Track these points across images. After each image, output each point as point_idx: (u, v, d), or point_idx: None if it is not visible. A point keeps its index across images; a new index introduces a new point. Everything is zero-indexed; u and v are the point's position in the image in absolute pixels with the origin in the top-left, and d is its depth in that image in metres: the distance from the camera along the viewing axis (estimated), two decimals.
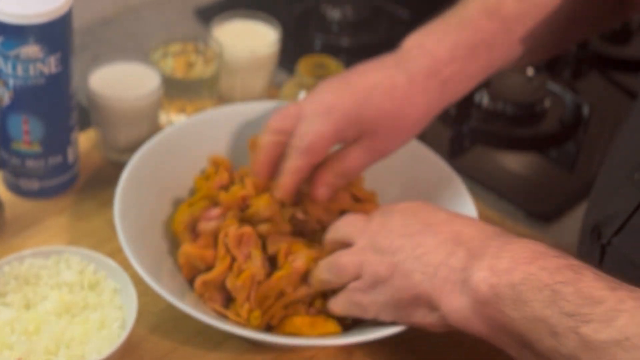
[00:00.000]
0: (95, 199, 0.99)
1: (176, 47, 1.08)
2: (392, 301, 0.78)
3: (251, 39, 1.11)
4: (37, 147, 0.95)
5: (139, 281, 0.82)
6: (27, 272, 0.83)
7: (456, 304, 0.73)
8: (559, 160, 1.17)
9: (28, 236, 0.94)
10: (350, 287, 0.81)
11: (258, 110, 1.01)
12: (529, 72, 1.21)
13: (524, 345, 0.69)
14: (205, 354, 0.85)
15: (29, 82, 0.90)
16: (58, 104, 0.94)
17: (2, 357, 0.77)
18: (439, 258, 0.75)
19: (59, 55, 0.90)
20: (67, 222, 0.96)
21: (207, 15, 1.28)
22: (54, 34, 0.89)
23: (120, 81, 1.02)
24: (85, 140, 1.05)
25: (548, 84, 1.21)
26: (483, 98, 1.19)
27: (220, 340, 0.86)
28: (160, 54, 1.07)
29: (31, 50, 0.89)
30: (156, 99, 1.01)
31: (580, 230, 0.92)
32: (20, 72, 0.90)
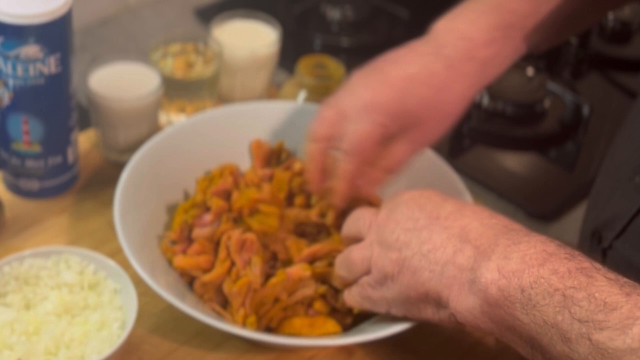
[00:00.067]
0: (95, 199, 0.99)
1: (176, 47, 1.08)
2: (400, 297, 0.78)
3: (251, 39, 1.11)
4: (37, 148, 0.95)
5: (139, 281, 0.82)
6: (27, 272, 0.83)
7: (465, 304, 0.72)
8: (559, 160, 1.17)
9: (28, 236, 0.94)
10: (361, 282, 0.81)
11: (258, 110, 1.01)
12: (529, 72, 1.21)
13: (534, 347, 0.68)
14: (205, 354, 0.85)
15: (28, 83, 0.90)
16: (58, 104, 0.94)
17: (2, 357, 0.77)
18: (446, 256, 0.74)
19: (58, 56, 0.90)
20: (67, 223, 0.96)
21: (207, 15, 1.28)
22: (54, 34, 0.89)
23: (120, 81, 1.01)
24: (85, 140, 1.05)
25: (548, 84, 1.21)
26: (483, 98, 1.19)
27: (220, 341, 0.86)
28: (160, 54, 1.07)
29: (31, 50, 0.88)
30: (156, 99, 1.01)
31: (580, 234, 0.91)
32: (20, 73, 0.90)
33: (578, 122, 1.19)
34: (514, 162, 1.16)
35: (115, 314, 0.81)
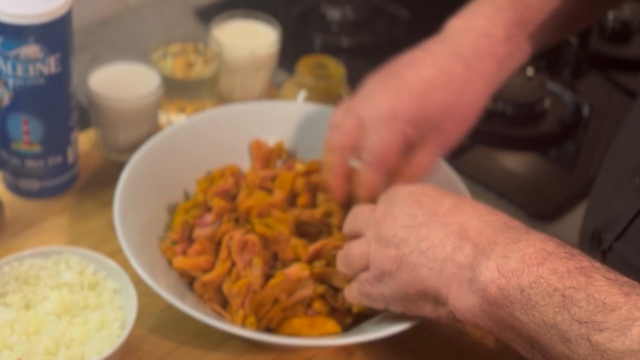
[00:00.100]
0: (95, 199, 0.99)
1: (176, 47, 1.08)
2: (398, 294, 0.77)
3: (251, 39, 1.11)
4: (36, 148, 0.95)
5: (138, 281, 0.82)
6: (27, 272, 0.83)
7: (464, 302, 0.72)
8: (559, 160, 1.17)
9: (28, 236, 0.94)
10: (359, 278, 0.81)
11: (258, 110, 1.01)
12: (529, 72, 1.21)
13: (534, 347, 0.68)
14: (205, 354, 0.85)
15: (28, 83, 0.90)
16: (58, 104, 0.94)
17: (2, 357, 0.77)
18: (445, 253, 0.74)
19: (58, 56, 0.90)
20: (66, 223, 0.96)
21: (207, 15, 1.28)
22: (54, 34, 0.89)
23: (120, 81, 1.01)
24: (85, 140, 1.05)
25: (548, 84, 1.21)
26: None
27: (220, 341, 0.86)
28: (160, 54, 1.07)
29: (31, 50, 0.88)
30: (156, 99, 1.01)
31: (580, 235, 0.91)
32: (20, 73, 0.90)
33: (578, 122, 1.19)
34: (514, 162, 1.16)
35: (115, 314, 0.81)
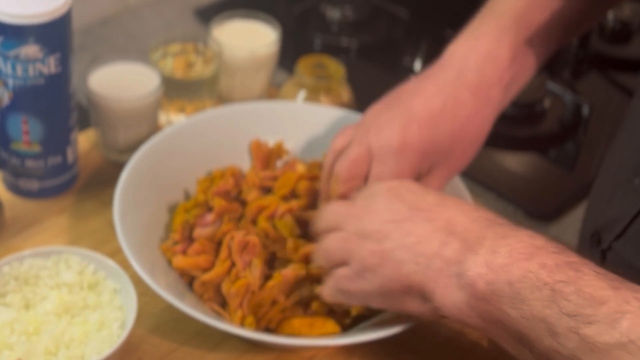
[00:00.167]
0: (95, 199, 0.99)
1: (176, 47, 1.08)
2: (380, 289, 0.76)
3: (251, 39, 1.11)
4: (36, 148, 0.95)
5: (138, 281, 0.82)
6: (26, 272, 0.83)
7: (452, 298, 0.71)
8: (559, 160, 1.17)
9: (28, 236, 0.94)
10: (336, 275, 0.79)
11: (258, 110, 1.01)
12: None
13: (521, 342, 0.68)
14: (205, 354, 0.85)
15: (28, 83, 0.90)
16: (57, 104, 0.94)
17: (2, 357, 0.77)
18: (432, 248, 0.73)
19: (58, 56, 0.90)
20: (66, 223, 0.96)
21: (206, 15, 1.28)
22: (54, 34, 0.89)
23: (119, 81, 1.01)
24: (85, 140, 1.05)
25: (548, 84, 1.20)
26: None
27: (220, 341, 0.86)
28: (160, 54, 1.07)
29: (31, 50, 0.88)
30: (156, 99, 1.01)
31: (580, 235, 0.91)
32: (19, 73, 0.90)
33: (578, 122, 1.18)
34: (514, 162, 1.16)
35: (115, 314, 0.81)
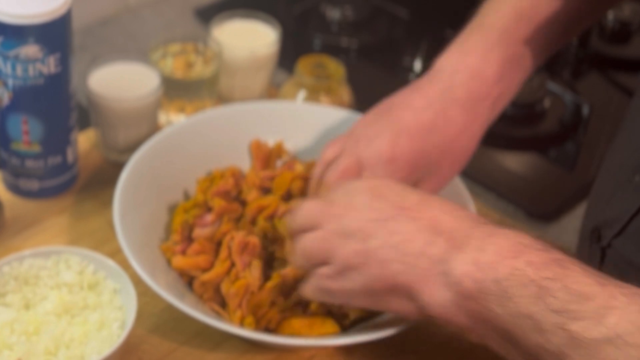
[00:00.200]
0: (95, 199, 0.99)
1: (176, 47, 1.08)
2: (364, 289, 0.75)
3: (251, 39, 1.11)
4: (36, 148, 0.95)
5: (138, 281, 0.82)
6: (26, 272, 0.83)
7: (438, 297, 0.71)
8: (559, 160, 1.17)
9: (28, 236, 0.94)
10: (318, 274, 0.77)
11: (258, 110, 1.01)
12: None
13: (508, 340, 0.68)
14: (205, 354, 0.85)
15: (28, 83, 0.90)
16: (57, 104, 0.94)
17: (2, 357, 0.77)
18: (418, 247, 0.72)
19: (58, 56, 0.90)
20: (66, 223, 0.96)
21: (206, 15, 1.28)
22: (54, 34, 0.89)
23: (119, 81, 1.01)
24: (85, 140, 1.05)
25: (548, 84, 1.20)
26: None
27: (219, 341, 0.86)
28: (160, 54, 1.07)
29: (31, 50, 0.88)
30: (156, 99, 1.01)
31: (580, 233, 0.91)
32: (19, 73, 0.90)
33: (578, 122, 1.18)
34: (514, 162, 1.16)
35: (115, 314, 0.81)
